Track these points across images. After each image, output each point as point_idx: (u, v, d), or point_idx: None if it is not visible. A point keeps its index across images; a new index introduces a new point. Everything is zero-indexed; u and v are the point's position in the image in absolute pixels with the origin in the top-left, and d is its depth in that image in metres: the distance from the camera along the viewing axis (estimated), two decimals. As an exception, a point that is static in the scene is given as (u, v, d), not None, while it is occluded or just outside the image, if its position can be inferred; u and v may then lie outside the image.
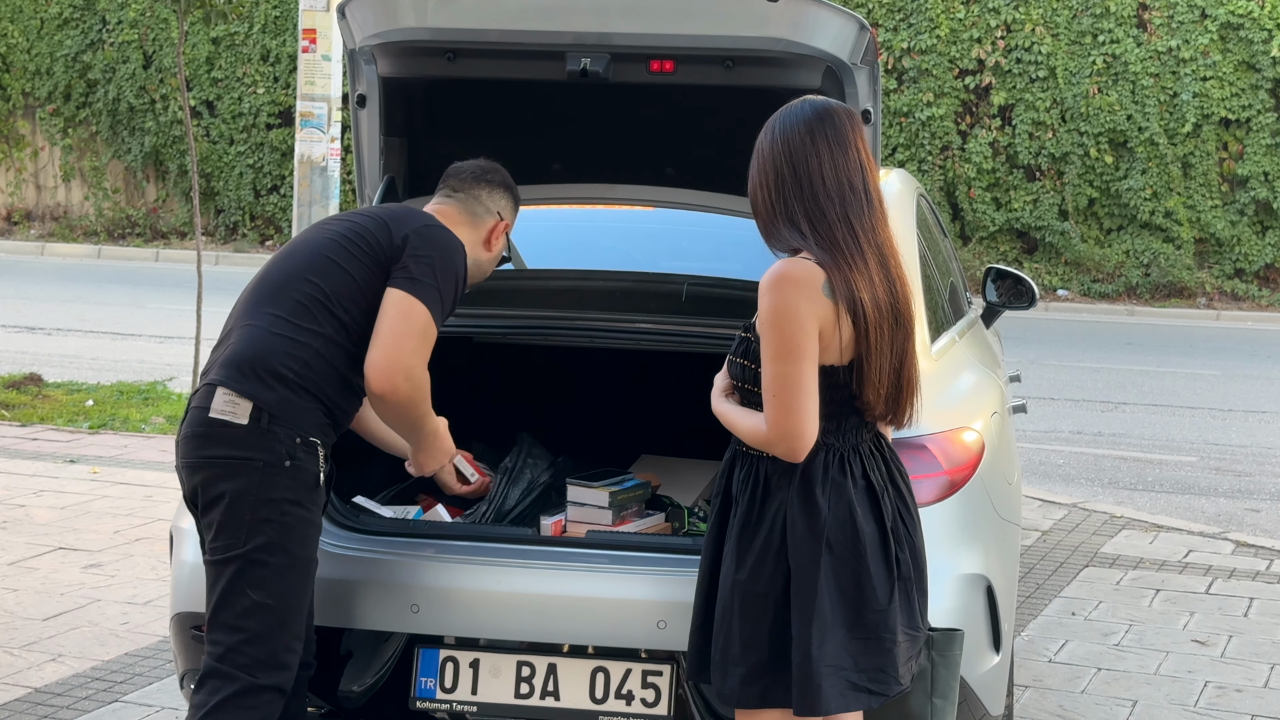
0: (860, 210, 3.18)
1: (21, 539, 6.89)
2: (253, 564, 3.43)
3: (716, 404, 3.31)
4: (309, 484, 3.49)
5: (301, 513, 3.47)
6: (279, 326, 3.53)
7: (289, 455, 3.45)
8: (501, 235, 3.85)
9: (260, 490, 3.43)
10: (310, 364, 3.52)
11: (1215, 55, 18.39)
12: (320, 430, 3.53)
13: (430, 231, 3.65)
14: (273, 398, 3.46)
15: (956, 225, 19.16)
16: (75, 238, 22.20)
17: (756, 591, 3.18)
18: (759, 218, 3.26)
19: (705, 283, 4.86)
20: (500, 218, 3.85)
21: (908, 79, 19.29)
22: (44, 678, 5.22)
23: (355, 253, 3.60)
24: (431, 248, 3.60)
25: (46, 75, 22.69)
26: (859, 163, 3.20)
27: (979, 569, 3.77)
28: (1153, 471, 9.33)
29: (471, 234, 3.80)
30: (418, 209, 3.77)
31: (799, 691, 3.15)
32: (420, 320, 3.52)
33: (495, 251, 3.87)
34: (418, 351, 3.53)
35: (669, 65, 3.97)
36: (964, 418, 3.97)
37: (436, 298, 3.55)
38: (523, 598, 3.72)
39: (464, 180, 3.84)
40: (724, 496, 3.32)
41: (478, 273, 3.85)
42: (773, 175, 3.20)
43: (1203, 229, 18.58)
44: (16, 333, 13.73)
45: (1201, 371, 13.21)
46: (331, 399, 3.56)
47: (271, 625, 3.44)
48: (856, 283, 3.13)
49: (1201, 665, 5.70)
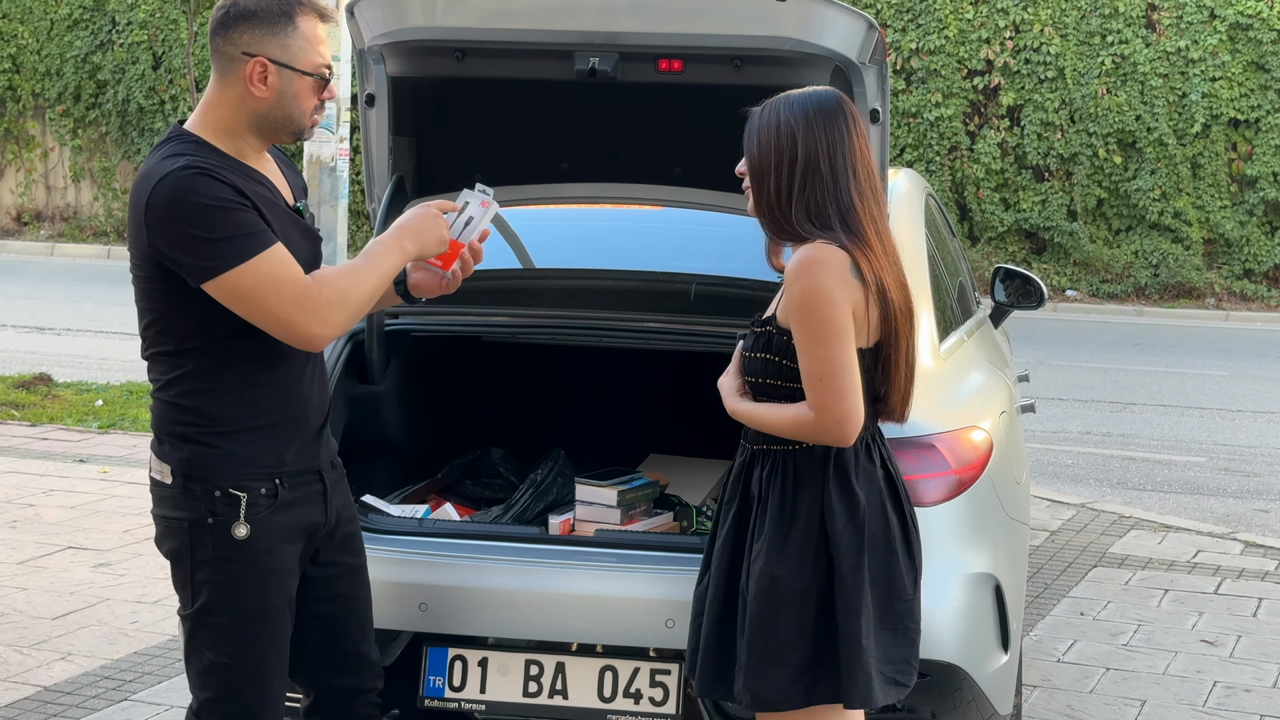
0: (874, 202, 3.21)
1: (31, 538, 6.90)
2: (201, 625, 3.28)
3: (734, 404, 3.27)
4: (233, 538, 3.20)
5: (239, 567, 3.22)
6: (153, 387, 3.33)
7: (210, 512, 3.21)
8: (264, 73, 3.17)
9: (192, 551, 3.24)
10: (188, 409, 3.23)
11: (1224, 56, 18.36)
12: (242, 472, 3.21)
13: (148, 211, 3.11)
14: (181, 455, 3.23)
15: (965, 225, 19.15)
16: (85, 238, 22.23)
17: (799, 585, 3.15)
18: (765, 205, 3.22)
19: (713, 282, 4.86)
20: (250, 55, 3.17)
21: (916, 79, 19.28)
22: (53, 676, 5.24)
23: (139, 281, 3.23)
24: (162, 222, 3.09)
25: (56, 76, 22.73)
26: (868, 160, 3.24)
27: (987, 568, 3.77)
28: (1161, 472, 9.31)
29: (224, 94, 3.21)
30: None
31: (850, 684, 3.13)
32: (249, 285, 3.08)
33: (273, 90, 3.19)
34: (292, 301, 3.11)
35: (677, 64, 3.97)
36: (972, 417, 3.97)
37: (224, 251, 3.06)
38: (531, 596, 3.73)
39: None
40: (742, 498, 3.28)
41: (279, 122, 3.23)
42: (793, 163, 3.17)
43: (1212, 229, 18.56)
44: (26, 333, 13.76)
45: (1210, 372, 13.19)
46: (238, 425, 3.22)
47: (232, 683, 3.28)
48: (879, 269, 3.15)
49: (1210, 665, 5.69)
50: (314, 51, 3.22)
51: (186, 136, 3.22)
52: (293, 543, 3.31)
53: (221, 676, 3.28)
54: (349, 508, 3.51)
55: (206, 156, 3.17)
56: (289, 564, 3.31)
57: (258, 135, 3.25)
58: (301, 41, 3.20)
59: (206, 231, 3.07)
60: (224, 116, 3.22)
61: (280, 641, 3.32)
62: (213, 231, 3.07)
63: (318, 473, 3.36)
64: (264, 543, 3.24)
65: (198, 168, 3.11)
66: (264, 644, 3.29)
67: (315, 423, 3.36)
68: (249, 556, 3.23)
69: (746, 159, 3.25)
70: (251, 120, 3.22)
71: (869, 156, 3.23)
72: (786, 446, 3.21)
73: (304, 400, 3.32)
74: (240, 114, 3.22)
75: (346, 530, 3.47)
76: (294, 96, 3.21)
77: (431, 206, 3.35)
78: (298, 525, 3.31)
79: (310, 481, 3.34)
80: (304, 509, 3.32)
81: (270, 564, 3.26)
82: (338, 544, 3.43)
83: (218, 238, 3.07)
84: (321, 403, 3.40)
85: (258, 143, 3.27)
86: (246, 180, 3.18)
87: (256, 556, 3.24)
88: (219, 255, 3.07)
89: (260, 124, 3.23)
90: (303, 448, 3.31)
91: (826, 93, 3.26)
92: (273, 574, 3.27)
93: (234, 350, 3.20)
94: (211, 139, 3.22)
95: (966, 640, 3.70)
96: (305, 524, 3.33)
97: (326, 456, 3.41)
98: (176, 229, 3.09)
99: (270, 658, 3.31)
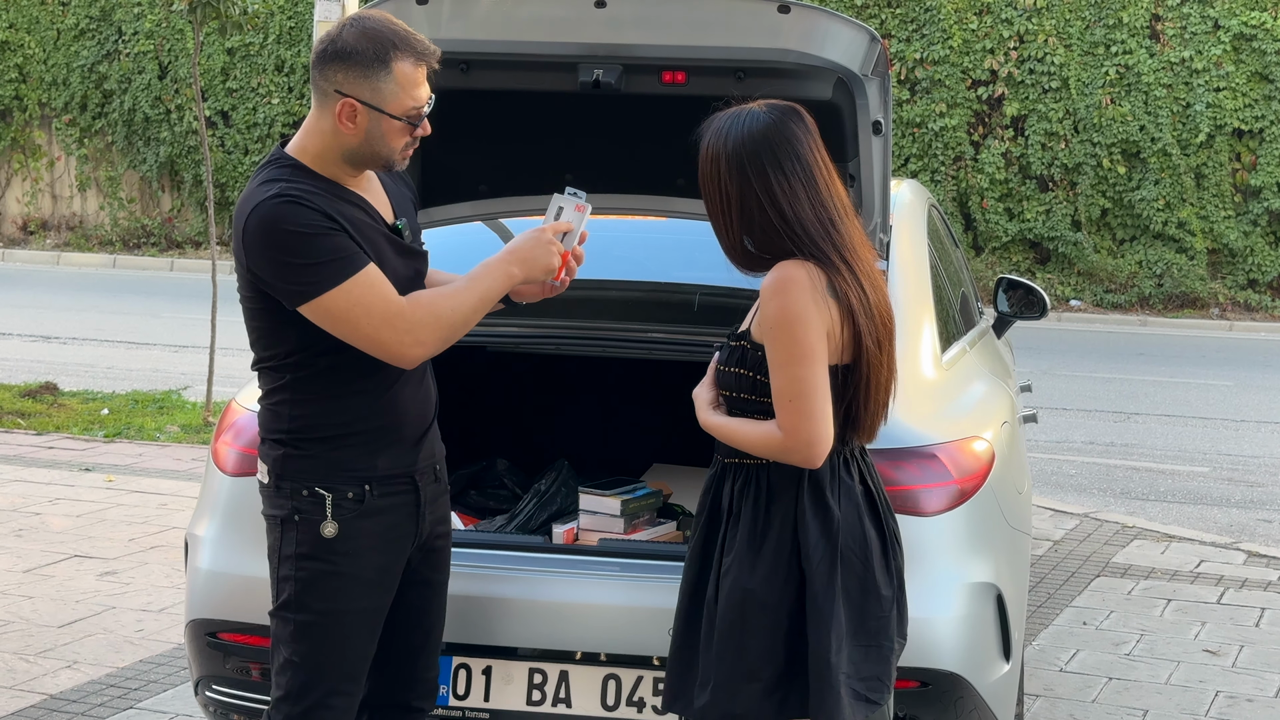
0: (834, 227, 3.13)
1: (37, 546, 6.92)
2: (282, 621, 3.36)
3: (707, 418, 3.24)
4: (320, 536, 3.30)
5: (320, 566, 3.31)
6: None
7: (296, 510, 3.31)
8: (353, 113, 3.22)
9: (280, 546, 3.35)
10: (284, 416, 3.33)
11: (1228, 66, 18.38)
12: (329, 475, 3.30)
13: (244, 237, 3.21)
14: (275, 455, 3.35)
15: (969, 236, 19.16)
16: (91, 247, 22.27)
17: (771, 600, 3.13)
18: (725, 246, 3.20)
19: (717, 292, 4.87)
20: (342, 94, 3.22)
21: (920, 90, 19.31)
22: (59, 684, 5.25)
23: (244, 301, 3.33)
24: (257, 249, 3.19)
25: (63, 86, 22.77)
26: (822, 176, 3.14)
27: (989, 577, 3.79)
28: (1165, 482, 9.32)
29: (319, 124, 3.27)
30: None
31: (818, 701, 3.10)
32: (341, 308, 3.16)
33: (361, 129, 3.23)
34: (384, 322, 3.19)
35: (681, 76, 3.99)
36: (974, 427, 3.98)
37: (316, 277, 3.14)
38: (535, 605, 3.74)
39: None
40: (711, 511, 3.26)
41: (367, 158, 3.28)
42: (735, 207, 3.14)
43: (1216, 239, 18.56)
44: (32, 342, 13.78)
45: (1214, 382, 13.19)
46: (328, 434, 3.32)
47: (300, 683, 3.34)
48: (846, 289, 3.12)
49: (1213, 675, 5.70)
50: (406, 95, 3.25)
51: (284, 160, 3.30)
52: (380, 553, 3.35)
53: (292, 675, 3.34)
54: (443, 523, 3.55)
55: (300, 181, 3.23)
56: (372, 574, 3.35)
57: (350, 165, 3.32)
58: (394, 86, 3.23)
59: (298, 258, 3.16)
60: (318, 144, 3.30)
61: (352, 650, 3.36)
62: (304, 257, 3.15)
63: (411, 477, 3.40)
64: (346, 546, 3.30)
65: (289, 196, 3.18)
66: (336, 648, 3.34)
67: (412, 432, 3.41)
68: (330, 558, 3.30)
69: (702, 194, 3.21)
70: (342, 153, 3.29)
71: (821, 174, 3.13)
72: (760, 460, 3.19)
73: (399, 411, 3.37)
74: (332, 145, 3.28)
75: (436, 544, 3.52)
76: (382, 136, 3.27)
77: (546, 232, 3.38)
78: (386, 535, 3.36)
79: (402, 489, 3.38)
80: (393, 517, 3.37)
81: (351, 569, 3.32)
82: (423, 556, 3.48)
83: (309, 263, 3.16)
84: (421, 412, 3.44)
85: (351, 170, 3.33)
86: (339, 203, 3.24)
87: (337, 559, 3.31)
88: (311, 280, 3.16)
89: (350, 158, 3.30)
90: (398, 455, 3.37)
91: (759, 119, 3.14)
92: (353, 580, 3.33)
93: (328, 365, 3.29)
94: (309, 163, 3.29)
95: (968, 649, 3.71)
96: (395, 535, 3.38)
97: (427, 463, 3.45)
98: (270, 256, 3.18)
99: (340, 663, 3.35)
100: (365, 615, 3.37)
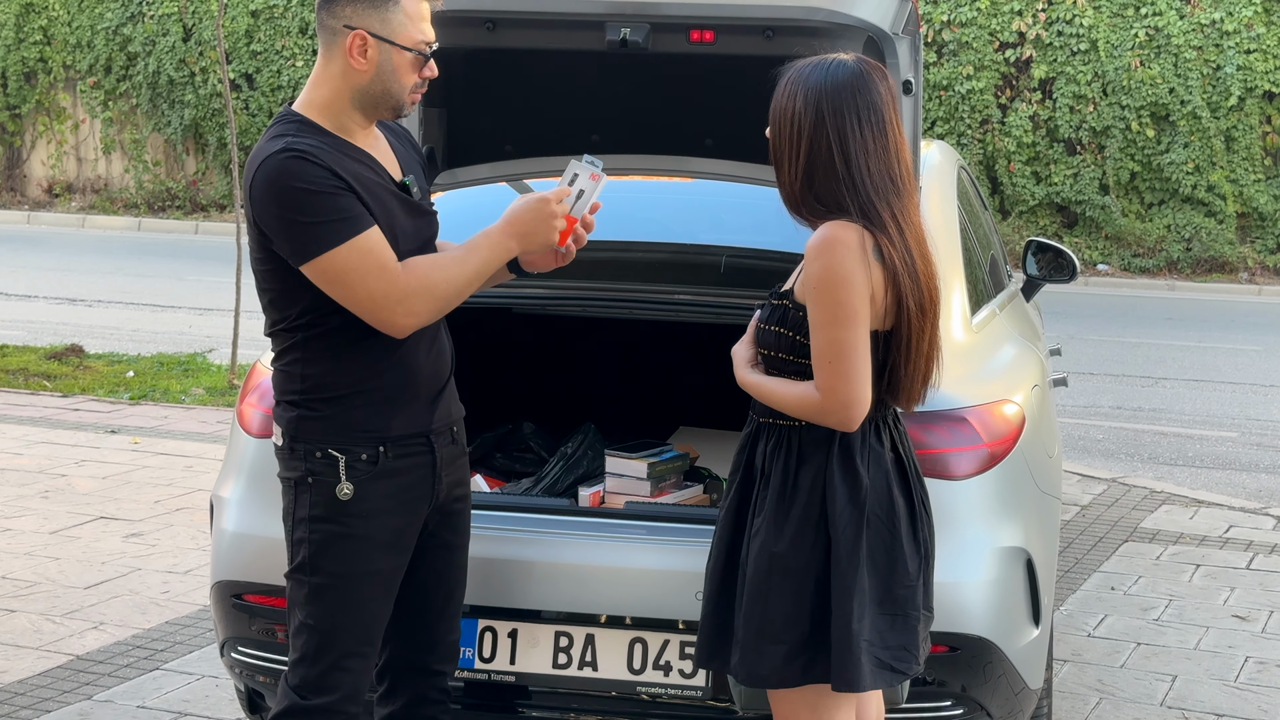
0: (895, 188, 3.11)
1: (63, 508, 6.94)
2: (297, 584, 3.34)
3: (744, 375, 3.23)
4: (334, 498, 3.27)
5: (333, 528, 3.28)
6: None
7: (309, 472, 3.29)
8: (364, 47, 3.19)
9: (294, 509, 3.33)
10: (296, 376, 3.31)
11: (1259, 28, 18.21)
12: (343, 436, 3.28)
13: (251, 193, 3.20)
14: (289, 417, 3.32)
15: (996, 199, 19.05)
16: (115, 210, 22.30)
17: (798, 564, 3.12)
18: (782, 185, 3.17)
19: (744, 254, 4.84)
20: (352, 28, 3.19)
21: (947, 52, 19.18)
22: (85, 645, 5.27)
23: (255, 262, 3.31)
24: (263, 204, 3.16)
25: (87, 48, 22.77)
26: (894, 137, 3.12)
27: (1019, 542, 3.76)
28: (1193, 447, 9.27)
29: (327, 69, 3.25)
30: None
31: (839, 667, 3.09)
32: (338, 270, 3.14)
33: (373, 64, 3.21)
34: (378, 287, 3.16)
35: (709, 35, 3.95)
36: (1005, 390, 3.95)
37: (316, 236, 3.12)
38: (561, 568, 3.73)
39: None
40: (745, 471, 3.25)
41: (379, 97, 3.25)
42: (801, 150, 3.11)
43: (1245, 203, 18.43)
44: (58, 304, 13.82)
45: (1242, 347, 13.11)
46: (340, 392, 3.28)
47: (314, 646, 3.32)
48: (895, 255, 3.10)
49: (1242, 640, 5.67)
50: (415, 28, 3.24)
51: (291, 116, 3.27)
52: (394, 515, 3.33)
53: (307, 639, 3.33)
54: (461, 486, 3.53)
55: (307, 137, 3.20)
56: (387, 536, 3.33)
57: (360, 111, 3.27)
58: (402, 17, 3.22)
59: (301, 215, 3.14)
60: (327, 93, 3.26)
61: (367, 613, 3.34)
62: (307, 215, 3.13)
63: (426, 438, 3.37)
64: (360, 507, 3.28)
65: (295, 151, 3.15)
66: (350, 611, 3.32)
67: (427, 391, 3.38)
68: (344, 520, 3.28)
69: (769, 130, 3.20)
70: (353, 96, 3.25)
71: (895, 137, 3.12)
72: (792, 422, 3.17)
73: (413, 368, 3.34)
74: (342, 89, 3.25)
75: (454, 508, 3.50)
76: (393, 71, 3.24)
77: (550, 203, 3.32)
78: (401, 497, 3.34)
79: (417, 449, 3.35)
80: (408, 479, 3.35)
81: (365, 530, 3.30)
82: (441, 518, 3.46)
83: (311, 221, 3.13)
84: (435, 370, 3.40)
85: (362, 119, 3.29)
86: (346, 160, 3.21)
87: (351, 522, 3.28)
88: (312, 239, 3.14)
89: (361, 99, 3.26)
90: (412, 414, 3.34)
91: (845, 68, 3.12)
92: (367, 542, 3.30)
93: (339, 324, 3.25)
94: (316, 117, 3.26)
95: (997, 614, 3.68)
96: (410, 497, 3.36)
97: (443, 424, 3.42)
98: (274, 212, 3.16)
99: (355, 627, 3.33)
100: (380, 578, 3.35)
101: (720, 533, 3.28)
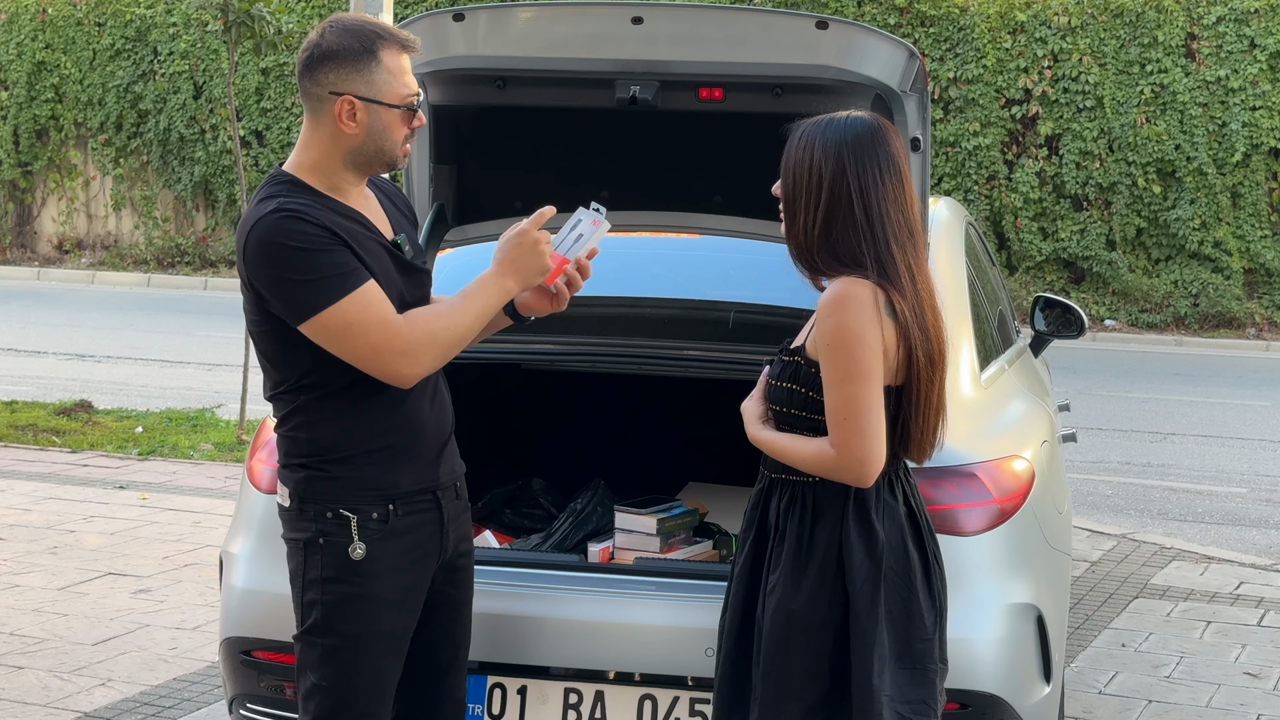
0: (911, 243, 3.14)
1: (71, 564, 6.93)
2: (307, 646, 3.32)
3: (756, 431, 3.23)
4: (347, 559, 3.26)
5: (346, 589, 3.26)
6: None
7: (320, 533, 3.27)
8: (353, 111, 3.20)
9: (304, 571, 3.31)
10: (302, 440, 3.30)
11: (1265, 85, 18.27)
12: (353, 495, 3.26)
13: (245, 255, 3.19)
14: (297, 478, 3.31)
15: (1003, 255, 19.08)
16: (125, 266, 22.37)
17: (816, 620, 3.12)
18: (794, 238, 3.17)
19: (752, 310, 4.85)
20: (338, 94, 3.20)
21: (954, 108, 19.26)
22: (93, 702, 5.25)
23: (251, 325, 3.31)
24: (257, 266, 3.16)
25: (99, 105, 22.91)
26: (909, 190, 3.15)
27: (1029, 598, 3.75)
28: (1202, 502, 9.24)
29: (316, 133, 3.26)
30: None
31: None
32: (339, 325, 3.13)
33: (363, 126, 3.21)
34: (381, 340, 3.15)
35: (718, 93, 3.97)
36: (1014, 446, 3.95)
37: (314, 293, 3.12)
38: (570, 624, 3.72)
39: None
40: (759, 527, 3.25)
41: (371, 155, 3.25)
42: (824, 197, 3.11)
43: (1252, 259, 18.44)
44: (67, 360, 13.84)
45: (1251, 402, 13.09)
46: (348, 452, 3.27)
47: (329, 709, 3.30)
48: (905, 308, 3.11)
49: (1254, 698, 5.64)
50: (399, 83, 3.25)
51: (281, 177, 3.27)
52: (404, 574, 3.32)
53: (320, 700, 3.31)
54: (466, 541, 3.52)
55: (299, 196, 3.21)
56: (397, 596, 3.32)
57: (353, 170, 3.29)
58: (386, 75, 3.23)
59: (297, 274, 3.13)
60: (317, 155, 3.27)
61: (380, 672, 3.33)
62: (303, 274, 3.13)
63: (433, 494, 3.36)
64: (372, 567, 3.27)
65: (287, 210, 3.16)
66: (364, 672, 3.31)
67: (433, 444, 3.38)
68: (356, 581, 3.26)
69: (781, 184, 3.20)
70: (345, 157, 3.26)
71: (908, 191, 3.15)
72: (806, 478, 3.17)
73: (418, 424, 3.34)
74: (334, 151, 3.26)
75: (459, 563, 3.49)
76: (384, 130, 3.25)
77: (529, 231, 3.32)
78: (411, 555, 3.33)
79: (425, 505, 3.35)
80: (417, 536, 3.34)
81: (376, 591, 3.28)
82: (447, 575, 3.45)
83: (308, 280, 3.13)
84: (438, 424, 3.40)
85: (353, 177, 3.30)
86: (339, 218, 3.22)
87: (364, 582, 3.27)
88: (310, 297, 3.14)
89: (354, 159, 3.27)
90: (419, 470, 3.34)
91: (863, 121, 3.15)
92: (378, 602, 3.29)
93: (342, 383, 3.24)
94: (306, 178, 3.26)
95: (1008, 671, 3.67)
96: (419, 555, 3.35)
97: (448, 477, 3.41)
98: (270, 273, 3.16)
99: (369, 687, 3.32)
100: (392, 637, 3.34)
101: (735, 589, 3.28)
